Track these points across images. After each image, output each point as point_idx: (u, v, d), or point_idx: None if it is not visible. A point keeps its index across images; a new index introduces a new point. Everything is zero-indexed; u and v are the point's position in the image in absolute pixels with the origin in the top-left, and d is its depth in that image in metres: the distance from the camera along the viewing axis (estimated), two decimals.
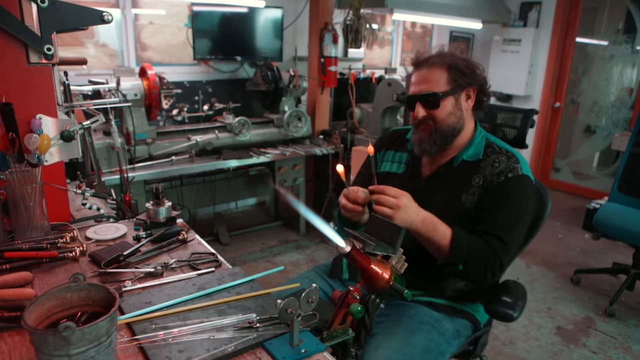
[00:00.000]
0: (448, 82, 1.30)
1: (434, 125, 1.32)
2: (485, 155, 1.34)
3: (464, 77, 1.30)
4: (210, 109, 3.36)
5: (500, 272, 1.27)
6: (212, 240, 3.43)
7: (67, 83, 1.74)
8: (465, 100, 1.34)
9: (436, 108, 1.30)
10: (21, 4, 1.15)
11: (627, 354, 2.35)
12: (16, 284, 0.98)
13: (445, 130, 1.32)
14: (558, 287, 2.99)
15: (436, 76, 1.30)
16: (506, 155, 1.32)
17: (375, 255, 0.96)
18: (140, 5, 3.35)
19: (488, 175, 1.30)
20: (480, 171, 1.32)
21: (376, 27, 3.99)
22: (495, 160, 1.31)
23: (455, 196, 1.32)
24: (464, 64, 1.31)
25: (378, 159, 1.53)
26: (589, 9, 4.73)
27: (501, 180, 1.28)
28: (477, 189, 1.31)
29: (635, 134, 2.80)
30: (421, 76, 1.33)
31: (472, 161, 1.34)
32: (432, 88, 1.30)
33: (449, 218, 1.25)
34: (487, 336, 1.52)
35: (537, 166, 5.17)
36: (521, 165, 1.30)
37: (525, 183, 1.30)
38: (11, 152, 1.17)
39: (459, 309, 1.40)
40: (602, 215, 2.73)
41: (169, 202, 1.40)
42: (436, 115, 1.31)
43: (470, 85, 1.32)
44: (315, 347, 0.86)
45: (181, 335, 0.87)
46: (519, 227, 1.29)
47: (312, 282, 1.50)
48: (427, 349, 1.22)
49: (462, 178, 1.33)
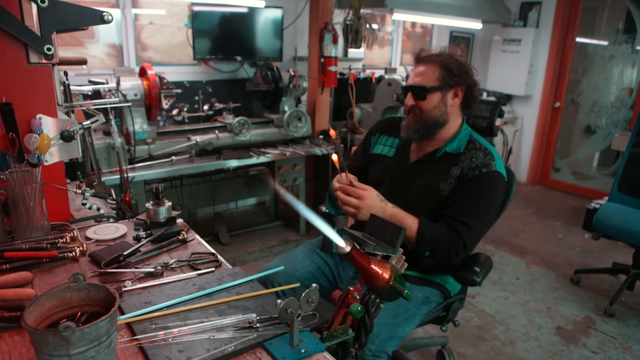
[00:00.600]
0: (438, 79, 1.45)
1: (419, 114, 1.47)
2: (466, 149, 1.48)
3: (453, 77, 1.44)
4: (210, 109, 3.36)
5: (464, 252, 1.41)
6: (212, 240, 3.43)
7: (67, 83, 1.73)
8: (452, 97, 1.48)
9: (423, 100, 1.46)
10: (21, 4, 1.15)
11: (627, 354, 2.35)
12: (16, 284, 0.98)
13: (429, 121, 1.47)
14: (558, 287, 2.99)
15: (430, 72, 1.45)
16: (484, 152, 1.45)
17: (375, 255, 0.96)
18: (140, 5, 3.35)
19: (465, 168, 1.44)
20: (459, 163, 1.45)
21: (376, 27, 3.99)
22: (473, 155, 1.45)
23: (435, 183, 1.46)
24: (457, 65, 1.45)
25: (372, 142, 1.69)
26: (589, 9, 4.73)
27: (475, 174, 1.42)
28: (454, 179, 1.44)
29: (635, 134, 2.80)
30: (417, 70, 1.49)
31: (454, 153, 1.48)
32: (423, 82, 1.46)
33: (427, 202, 1.45)
34: (459, 303, 1.71)
35: (537, 166, 5.17)
36: (495, 162, 1.44)
37: (496, 179, 1.44)
38: (11, 152, 1.17)
39: (428, 280, 1.56)
40: (602, 215, 2.73)
41: (169, 202, 1.40)
42: (422, 106, 1.47)
43: (458, 84, 1.46)
44: (315, 347, 0.86)
45: (181, 335, 0.87)
46: (485, 216, 1.43)
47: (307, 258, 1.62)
48: (394, 313, 1.36)
49: (443, 168, 1.47)
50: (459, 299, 1.69)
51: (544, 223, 4.11)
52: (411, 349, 2.16)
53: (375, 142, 1.68)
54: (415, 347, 2.20)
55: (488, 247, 3.56)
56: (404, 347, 2.05)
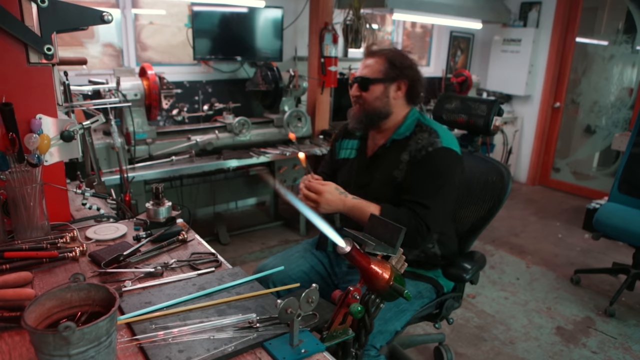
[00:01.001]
0: (382, 71, 1.49)
1: (363, 105, 1.52)
2: (413, 133, 1.50)
3: (395, 70, 1.48)
4: (210, 109, 3.36)
5: (429, 234, 1.41)
6: (212, 240, 3.43)
7: (67, 83, 1.73)
8: (395, 90, 1.51)
9: (366, 91, 1.51)
10: (21, 4, 1.15)
11: (627, 354, 2.35)
12: (16, 284, 0.98)
13: (370, 112, 1.51)
14: (558, 287, 2.99)
15: (375, 65, 1.50)
16: (428, 132, 1.48)
17: (375, 255, 0.96)
18: (140, 5, 3.35)
19: (413, 150, 1.47)
20: (407, 148, 1.48)
21: (376, 27, 3.99)
22: (419, 138, 1.48)
23: (389, 173, 1.49)
24: (400, 60, 1.49)
25: (337, 148, 1.73)
26: (589, 9, 4.73)
27: (423, 155, 1.44)
28: (405, 164, 1.47)
29: (635, 134, 2.80)
30: (365, 62, 1.53)
31: (401, 139, 1.51)
32: (367, 74, 1.50)
33: (388, 193, 1.47)
34: (453, 301, 1.71)
35: (537, 166, 5.18)
36: (441, 139, 1.46)
37: (445, 154, 1.45)
38: (11, 152, 1.17)
39: (420, 274, 1.57)
40: (602, 215, 2.73)
41: (169, 202, 1.40)
42: (365, 97, 1.51)
43: (401, 78, 1.49)
44: (315, 347, 0.86)
45: (181, 335, 0.87)
46: (442, 193, 1.43)
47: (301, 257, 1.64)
48: (385, 308, 1.33)
49: (393, 156, 1.50)
50: (453, 297, 1.69)
51: (543, 223, 4.11)
52: (409, 345, 2.17)
53: (339, 148, 1.71)
54: (412, 344, 2.21)
55: (488, 247, 3.56)
56: (402, 344, 2.06)
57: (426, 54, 5.31)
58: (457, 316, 2.60)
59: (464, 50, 5.36)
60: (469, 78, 4.63)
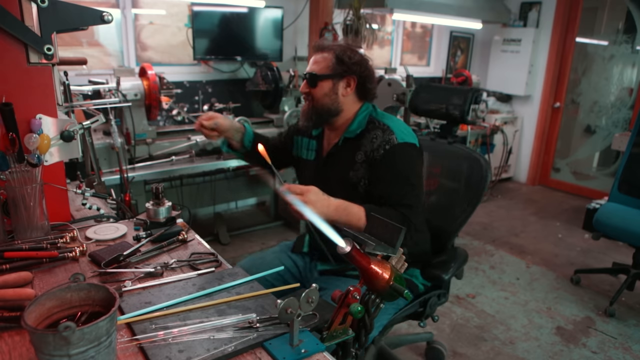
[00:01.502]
0: (330, 67, 1.44)
1: (312, 102, 1.48)
2: (366, 131, 1.46)
3: (343, 66, 1.43)
4: (210, 109, 3.36)
5: (415, 234, 1.38)
6: (212, 240, 3.43)
7: (67, 83, 1.73)
8: (345, 87, 1.47)
9: (314, 87, 1.46)
10: (21, 4, 1.15)
11: (627, 354, 2.35)
12: (16, 284, 0.98)
13: (319, 109, 1.47)
14: (558, 287, 2.99)
15: (322, 60, 1.46)
16: (382, 129, 1.44)
17: (375, 255, 0.96)
18: (140, 5, 3.35)
19: (368, 151, 1.43)
20: (361, 148, 1.44)
21: (376, 27, 3.99)
22: (373, 136, 1.43)
23: (344, 173, 1.46)
24: (349, 55, 1.44)
25: (296, 142, 1.68)
26: (589, 9, 4.73)
27: (381, 154, 1.40)
28: (361, 164, 1.43)
29: (635, 134, 2.80)
30: (314, 58, 1.49)
31: (354, 137, 1.47)
32: (316, 70, 1.46)
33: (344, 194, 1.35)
34: (437, 299, 1.69)
35: (537, 166, 5.18)
36: (396, 135, 1.42)
37: (403, 150, 1.41)
38: (11, 152, 1.17)
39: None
40: (602, 215, 2.73)
41: (169, 202, 1.40)
42: (314, 94, 1.47)
43: (349, 74, 1.44)
44: (315, 347, 0.86)
45: (181, 335, 0.87)
46: (415, 189, 1.40)
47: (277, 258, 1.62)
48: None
49: (347, 156, 1.46)
50: (437, 295, 1.68)
51: (543, 223, 4.11)
52: (397, 345, 2.17)
53: (299, 145, 1.67)
54: (401, 343, 2.21)
55: (488, 247, 3.56)
56: (390, 344, 2.05)
57: (426, 54, 5.31)
58: (457, 316, 2.61)
59: (464, 50, 5.36)
60: (469, 78, 4.63)
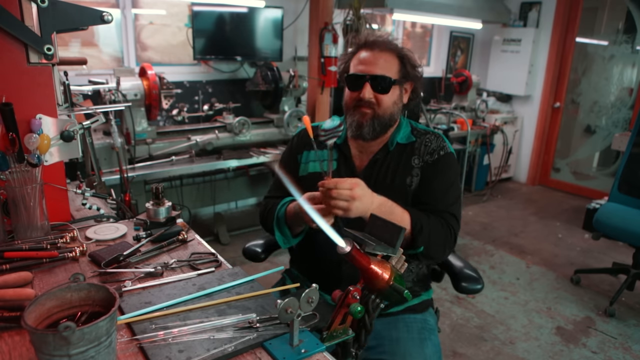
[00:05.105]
0: (399, 71, 1.29)
1: (377, 110, 1.28)
2: (415, 136, 1.36)
3: (412, 70, 1.30)
4: (210, 109, 3.36)
5: (454, 245, 1.30)
6: (212, 240, 3.43)
7: (67, 83, 1.73)
8: (404, 93, 1.35)
9: (386, 93, 1.27)
10: (21, 4, 1.15)
11: (627, 354, 2.35)
12: (16, 284, 0.98)
13: (386, 118, 1.30)
14: (558, 287, 2.99)
15: (389, 61, 1.28)
16: (434, 135, 1.36)
17: (375, 255, 0.96)
18: (140, 5, 3.35)
19: (423, 154, 1.33)
20: (416, 152, 1.34)
21: (376, 27, 3.99)
22: (426, 140, 1.35)
23: (400, 180, 1.32)
24: (410, 57, 1.30)
25: (301, 162, 1.44)
26: (589, 9, 4.73)
27: (435, 158, 1.31)
28: (418, 169, 1.32)
29: (635, 134, 2.80)
30: (373, 57, 1.28)
31: (406, 143, 1.35)
32: (384, 72, 1.26)
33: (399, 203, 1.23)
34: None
35: (537, 166, 5.18)
36: (447, 144, 1.35)
37: (453, 160, 1.35)
38: (11, 152, 1.17)
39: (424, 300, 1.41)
40: (602, 215, 2.73)
41: (169, 202, 1.40)
42: (383, 101, 1.27)
43: (410, 79, 1.32)
44: (315, 347, 0.86)
45: (181, 335, 0.87)
46: (459, 200, 1.34)
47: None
48: (436, 349, 1.29)
49: (402, 161, 1.33)
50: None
51: (543, 223, 4.11)
52: None
53: (305, 162, 1.43)
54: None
55: (488, 247, 3.56)
56: None
57: (426, 54, 5.31)
58: (457, 316, 2.61)
59: (464, 50, 5.36)
60: (469, 78, 4.63)
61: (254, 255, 1.56)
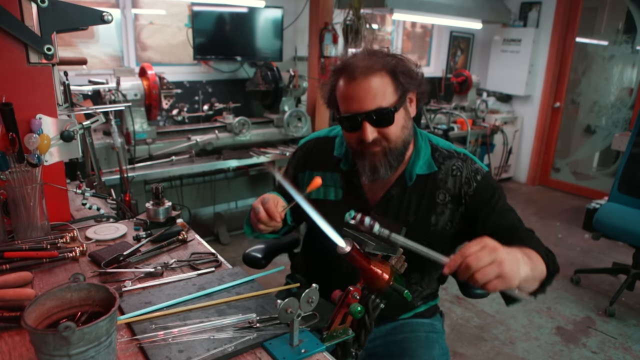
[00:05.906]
0: (395, 90, 1.09)
1: (386, 145, 1.12)
2: (437, 162, 1.18)
3: (409, 81, 1.10)
4: (210, 109, 3.36)
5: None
6: (212, 240, 3.43)
7: (67, 83, 1.73)
8: (410, 105, 1.16)
9: (390, 125, 1.09)
10: (21, 4, 1.15)
11: (627, 354, 2.35)
12: (16, 284, 0.98)
13: (400, 147, 1.13)
14: (558, 287, 2.99)
15: (379, 86, 1.07)
16: (459, 158, 1.19)
17: (376, 255, 0.96)
18: (140, 5, 3.35)
19: (452, 188, 1.16)
20: (441, 185, 1.17)
21: (376, 27, 3.99)
22: (451, 169, 1.17)
23: (422, 219, 1.17)
24: (402, 65, 1.10)
25: (301, 182, 1.29)
26: (589, 9, 4.73)
27: (474, 187, 1.16)
28: (445, 206, 1.16)
29: (635, 134, 2.80)
30: (360, 88, 1.07)
31: (427, 174, 1.18)
32: (380, 102, 1.07)
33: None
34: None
35: (537, 166, 5.18)
36: (478, 163, 1.20)
37: (490, 176, 1.20)
38: (11, 152, 1.17)
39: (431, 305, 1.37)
40: (602, 215, 2.73)
41: (169, 202, 1.39)
42: (390, 134, 1.10)
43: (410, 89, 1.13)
44: (315, 347, 0.86)
45: (181, 335, 0.87)
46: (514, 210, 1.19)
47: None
48: (444, 352, 1.28)
49: (424, 197, 1.17)
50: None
51: (544, 223, 4.11)
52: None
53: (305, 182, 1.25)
54: None
55: None
56: None
57: (426, 54, 5.31)
58: (457, 316, 2.61)
59: (464, 50, 5.36)
60: (469, 78, 4.64)
61: (254, 261, 1.53)
